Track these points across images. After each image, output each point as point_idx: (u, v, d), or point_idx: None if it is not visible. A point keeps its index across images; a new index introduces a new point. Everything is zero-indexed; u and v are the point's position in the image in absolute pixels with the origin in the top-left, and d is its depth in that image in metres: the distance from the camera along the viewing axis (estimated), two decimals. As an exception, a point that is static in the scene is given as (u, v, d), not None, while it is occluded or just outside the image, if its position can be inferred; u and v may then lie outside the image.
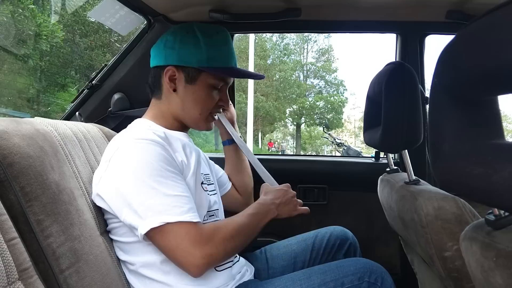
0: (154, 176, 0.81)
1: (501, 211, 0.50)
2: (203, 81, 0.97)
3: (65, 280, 0.71)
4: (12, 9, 9.53)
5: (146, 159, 0.82)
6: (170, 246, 0.80)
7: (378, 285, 0.90)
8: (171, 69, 0.96)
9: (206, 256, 0.79)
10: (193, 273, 0.80)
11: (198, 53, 0.95)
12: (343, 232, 1.20)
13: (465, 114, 0.50)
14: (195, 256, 0.79)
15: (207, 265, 0.80)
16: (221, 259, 0.85)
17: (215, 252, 0.81)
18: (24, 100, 11.12)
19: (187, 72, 0.96)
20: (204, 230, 0.82)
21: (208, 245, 0.80)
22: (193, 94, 0.98)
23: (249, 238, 0.91)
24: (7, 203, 0.66)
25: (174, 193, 0.81)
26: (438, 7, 1.32)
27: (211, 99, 0.99)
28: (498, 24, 0.40)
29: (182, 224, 0.79)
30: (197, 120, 1.01)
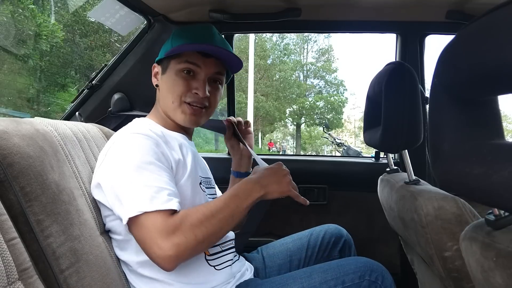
0: (140, 168, 0.80)
1: (501, 211, 0.50)
2: (172, 68, 0.98)
3: (65, 280, 0.71)
4: (12, 9, 9.53)
5: (136, 151, 0.83)
6: (141, 238, 0.77)
7: (379, 283, 0.90)
8: (155, 66, 1.04)
9: (173, 246, 0.74)
10: (163, 266, 0.75)
11: (167, 45, 1.01)
12: (338, 229, 1.20)
13: (465, 114, 0.50)
14: (162, 248, 0.74)
15: (177, 256, 0.74)
16: (193, 248, 0.77)
17: (183, 241, 0.75)
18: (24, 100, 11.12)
19: (162, 65, 1.01)
20: (171, 218, 0.76)
21: (175, 234, 0.75)
22: (166, 83, 0.99)
23: (228, 222, 0.82)
24: (7, 203, 0.66)
25: (155, 184, 0.79)
26: (438, 7, 1.32)
27: (179, 84, 0.96)
28: (498, 24, 0.40)
29: (151, 214, 0.76)
30: (173, 110, 0.98)
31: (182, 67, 0.96)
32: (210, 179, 1.12)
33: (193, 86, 0.97)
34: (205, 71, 0.97)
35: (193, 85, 0.97)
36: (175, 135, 1.00)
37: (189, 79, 0.97)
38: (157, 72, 1.03)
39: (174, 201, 0.78)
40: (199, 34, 1.00)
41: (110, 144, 0.89)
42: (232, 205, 0.83)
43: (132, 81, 1.46)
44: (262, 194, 0.87)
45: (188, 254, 0.77)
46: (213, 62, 0.99)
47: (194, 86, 0.97)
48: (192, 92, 0.97)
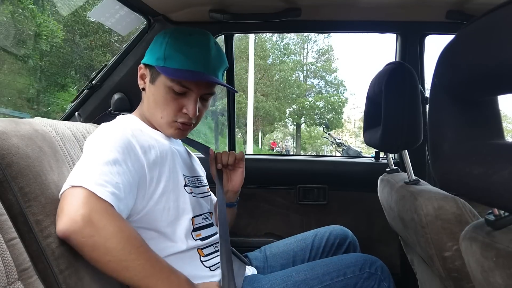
0: (102, 156, 0.76)
1: (501, 211, 0.50)
2: (161, 82, 0.92)
3: (65, 280, 0.71)
4: (12, 9, 9.53)
5: (105, 140, 0.81)
6: (64, 201, 0.70)
7: (379, 274, 0.94)
8: (141, 67, 0.98)
9: (87, 218, 0.67)
10: (63, 224, 0.67)
11: (158, 51, 0.93)
12: (343, 231, 1.20)
13: (465, 114, 0.50)
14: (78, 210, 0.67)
15: (81, 229, 0.67)
16: (83, 246, 0.68)
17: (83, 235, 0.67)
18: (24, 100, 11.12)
19: (151, 71, 0.95)
20: (97, 203, 0.69)
21: (101, 211, 0.68)
22: (153, 95, 0.94)
23: (137, 274, 0.70)
24: (6, 204, 0.66)
25: (103, 174, 0.73)
26: (438, 7, 1.32)
27: (170, 104, 0.92)
28: (498, 24, 0.40)
29: (77, 188, 0.70)
30: (160, 124, 0.95)
31: (174, 86, 0.91)
32: (201, 177, 1.09)
33: (184, 105, 0.93)
34: (196, 93, 0.93)
35: (184, 103, 0.93)
36: (157, 135, 0.97)
37: (179, 98, 0.93)
38: (144, 75, 0.97)
39: (105, 190, 0.71)
40: (196, 53, 0.91)
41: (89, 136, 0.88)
42: (159, 269, 0.73)
43: (132, 81, 1.46)
44: None
45: (85, 244, 0.68)
46: (206, 84, 0.94)
47: (185, 106, 0.93)
48: (182, 112, 0.93)
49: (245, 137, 18.52)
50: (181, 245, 0.89)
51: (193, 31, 0.95)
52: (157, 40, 0.96)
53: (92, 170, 0.74)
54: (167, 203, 0.88)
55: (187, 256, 0.90)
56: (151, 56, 0.95)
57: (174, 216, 0.89)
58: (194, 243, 0.91)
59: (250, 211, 1.63)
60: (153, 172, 0.87)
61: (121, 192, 0.75)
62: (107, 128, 0.87)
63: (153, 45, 0.96)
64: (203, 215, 0.99)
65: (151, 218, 0.86)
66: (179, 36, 0.93)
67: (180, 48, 0.91)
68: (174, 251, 0.88)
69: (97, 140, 0.83)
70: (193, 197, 0.96)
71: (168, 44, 0.92)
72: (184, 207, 0.92)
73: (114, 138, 0.82)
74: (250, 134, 15.84)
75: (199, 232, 0.94)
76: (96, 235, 0.67)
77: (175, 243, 0.88)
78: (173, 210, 0.89)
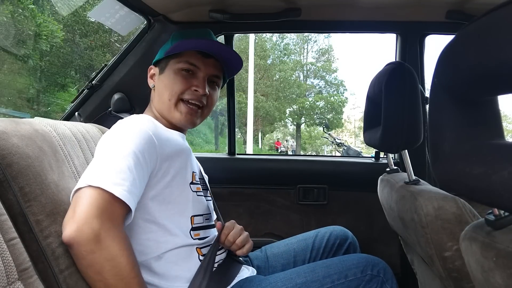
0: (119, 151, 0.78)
1: (501, 211, 0.50)
2: (170, 67, 0.99)
3: (65, 280, 0.71)
4: (12, 9, 9.53)
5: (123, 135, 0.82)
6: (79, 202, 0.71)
7: (381, 276, 0.92)
8: (151, 68, 1.06)
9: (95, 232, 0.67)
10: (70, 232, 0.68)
11: (165, 46, 1.03)
12: (343, 231, 1.20)
13: (465, 114, 0.50)
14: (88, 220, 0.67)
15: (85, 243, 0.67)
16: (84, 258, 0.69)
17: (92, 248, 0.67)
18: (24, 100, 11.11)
19: (160, 66, 1.03)
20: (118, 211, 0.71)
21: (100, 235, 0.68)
22: (163, 81, 1.00)
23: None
24: (6, 203, 0.66)
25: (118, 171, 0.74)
26: (438, 7, 1.32)
27: (178, 82, 0.97)
28: (498, 24, 0.40)
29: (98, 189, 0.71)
30: (169, 109, 0.98)
31: (182, 66, 0.98)
32: (204, 180, 1.11)
33: (193, 84, 0.98)
34: (204, 71, 0.99)
35: (193, 82, 0.98)
36: (171, 133, 0.99)
37: (188, 78, 0.99)
38: (154, 74, 1.04)
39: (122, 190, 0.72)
40: (199, 34, 1.03)
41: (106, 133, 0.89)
42: None
43: (132, 81, 1.46)
44: None
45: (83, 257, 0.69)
46: (213, 63, 1.01)
47: (194, 84, 0.98)
48: (192, 90, 0.98)
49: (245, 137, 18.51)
50: (180, 240, 0.89)
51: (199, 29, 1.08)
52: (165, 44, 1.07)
53: (110, 166, 0.75)
54: (169, 196, 0.88)
55: (185, 253, 0.90)
56: (159, 54, 1.04)
57: (174, 210, 0.90)
58: (192, 241, 0.91)
59: (250, 211, 1.63)
60: (163, 164, 0.88)
61: (137, 188, 0.77)
62: (124, 124, 0.88)
63: (161, 48, 1.06)
64: (204, 215, 0.99)
65: (150, 208, 0.86)
66: (183, 31, 1.07)
67: (184, 35, 1.02)
68: (173, 246, 0.88)
69: (115, 135, 0.84)
70: (197, 196, 0.96)
71: (173, 37, 1.05)
72: (186, 203, 0.92)
73: (132, 131, 0.84)
74: (250, 134, 15.84)
75: (198, 232, 0.94)
76: (97, 253, 0.68)
77: (174, 237, 0.88)
78: (174, 204, 0.90)
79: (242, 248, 0.98)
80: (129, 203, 0.74)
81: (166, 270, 0.87)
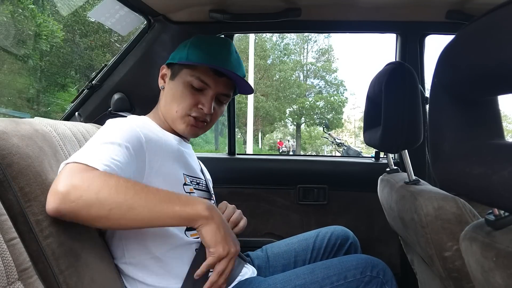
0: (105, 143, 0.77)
1: (501, 211, 0.50)
2: (182, 77, 0.98)
3: (65, 280, 0.71)
4: (12, 9, 9.53)
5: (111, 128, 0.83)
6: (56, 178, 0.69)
7: (380, 278, 0.92)
8: (164, 68, 1.04)
9: (70, 185, 0.65)
10: (48, 201, 0.67)
11: (182, 50, 1.00)
12: (344, 231, 1.20)
13: (465, 114, 0.50)
14: (59, 181, 0.66)
15: (64, 197, 0.65)
16: (86, 202, 0.65)
17: (83, 187, 0.65)
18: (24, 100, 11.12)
19: (173, 69, 1.01)
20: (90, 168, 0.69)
21: (83, 178, 0.66)
22: (172, 89, 0.99)
23: (144, 210, 0.68)
24: (6, 203, 0.66)
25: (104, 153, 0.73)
26: (438, 7, 1.32)
27: (187, 98, 0.96)
28: (498, 24, 0.40)
29: (76, 164, 0.70)
30: (174, 119, 0.98)
31: (192, 81, 0.96)
32: (204, 181, 1.08)
33: (200, 101, 0.97)
34: (214, 90, 0.98)
35: (201, 100, 0.97)
36: (165, 134, 0.99)
37: (196, 94, 0.97)
38: (165, 75, 1.03)
39: (101, 163, 0.70)
40: (217, 51, 0.99)
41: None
42: (163, 196, 0.71)
43: (132, 81, 1.46)
44: (205, 216, 0.73)
45: (79, 206, 0.66)
46: (224, 82, 0.99)
47: (201, 102, 0.97)
48: (197, 107, 0.98)
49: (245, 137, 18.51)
50: (176, 241, 0.89)
51: (217, 37, 1.07)
52: (182, 44, 1.04)
53: (91, 149, 0.74)
54: None
55: (184, 252, 0.90)
56: (174, 56, 1.02)
57: None
58: (189, 239, 0.91)
59: (250, 211, 1.63)
60: (153, 163, 0.87)
61: (123, 172, 0.74)
62: (114, 120, 0.88)
63: (178, 48, 1.04)
64: None
65: None
66: (202, 38, 1.02)
67: (202, 46, 0.99)
68: (170, 247, 0.88)
69: (103, 129, 0.84)
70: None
71: (191, 44, 1.00)
72: None
73: (120, 128, 0.83)
74: (250, 134, 15.84)
75: (195, 231, 0.94)
76: (84, 194, 0.65)
77: (169, 238, 0.88)
78: None
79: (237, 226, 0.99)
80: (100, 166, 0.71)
81: (163, 270, 0.87)
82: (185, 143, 1.06)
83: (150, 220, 0.70)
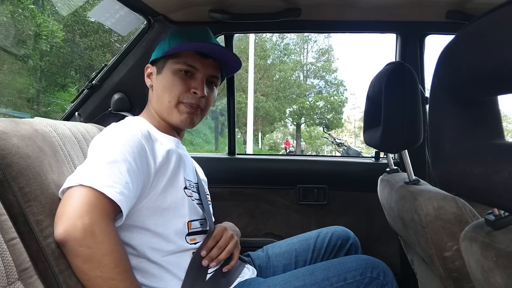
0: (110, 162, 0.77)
1: (501, 211, 0.50)
2: (168, 68, 0.98)
3: (65, 280, 0.71)
4: (12, 9, 9.53)
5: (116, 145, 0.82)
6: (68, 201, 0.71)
7: (381, 279, 0.91)
8: (149, 67, 1.04)
9: (88, 230, 0.67)
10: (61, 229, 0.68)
11: (163, 45, 1.02)
12: (345, 232, 1.20)
13: (465, 114, 0.50)
14: (70, 223, 0.67)
15: (80, 238, 0.67)
16: (79, 255, 0.68)
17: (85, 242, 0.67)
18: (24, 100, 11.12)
19: (157, 65, 1.01)
20: (109, 220, 0.71)
21: (101, 223, 0.68)
22: (161, 82, 0.99)
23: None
24: (6, 203, 0.66)
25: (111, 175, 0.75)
26: (438, 7, 1.32)
27: (178, 84, 0.97)
28: (498, 24, 0.40)
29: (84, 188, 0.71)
30: (168, 110, 0.98)
31: (180, 67, 0.97)
32: (202, 184, 1.08)
33: (192, 86, 0.98)
34: (203, 72, 0.99)
35: (192, 84, 0.98)
36: (165, 138, 0.98)
37: (187, 79, 0.98)
38: (151, 73, 1.03)
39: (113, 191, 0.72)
40: (197, 34, 1.01)
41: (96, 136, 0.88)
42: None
43: (132, 81, 1.46)
44: None
45: (80, 252, 0.68)
46: (211, 64, 1.00)
47: (193, 86, 0.97)
48: (190, 92, 0.97)
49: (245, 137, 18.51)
50: (175, 247, 0.88)
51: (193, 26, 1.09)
52: (160, 42, 1.05)
53: (102, 168, 0.75)
54: (163, 203, 0.88)
55: (182, 255, 0.89)
56: (156, 52, 1.03)
57: (169, 216, 0.89)
58: (188, 245, 0.91)
59: (250, 211, 1.63)
60: (157, 172, 0.87)
61: (130, 192, 0.76)
62: (116, 128, 0.87)
63: (157, 46, 1.05)
64: (200, 220, 0.97)
65: (144, 216, 0.85)
66: (180, 30, 1.04)
67: (182, 34, 1.00)
68: (168, 253, 0.87)
69: (107, 138, 0.84)
70: (192, 201, 0.95)
71: (170, 36, 1.02)
72: (181, 209, 0.91)
73: (124, 137, 0.83)
74: (250, 134, 15.83)
75: (194, 237, 0.93)
76: (94, 247, 0.68)
77: (169, 243, 0.87)
78: (169, 211, 0.89)
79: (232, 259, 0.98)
80: (120, 204, 0.73)
81: (162, 272, 0.87)
82: (181, 145, 1.06)
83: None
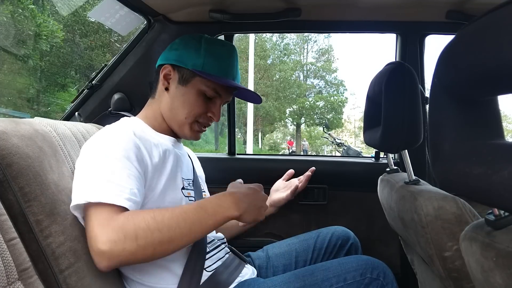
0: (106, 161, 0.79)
1: (501, 211, 0.50)
2: (195, 85, 0.97)
3: (65, 280, 0.71)
4: (12, 9, 9.53)
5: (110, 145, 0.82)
6: (86, 228, 0.75)
7: (381, 280, 0.91)
8: (168, 67, 0.99)
9: (108, 242, 0.69)
10: (96, 261, 0.72)
11: (196, 57, 0.97)
12: (345, 232, 1.20)
13: (465, 114, 0.50)
14: (98, 240, 0.70)
15: (110, 254, 0.70)
16: (132, 252, 0.71)
17: (121, 240, 0.70)
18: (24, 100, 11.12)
19: (182, 73, 0.98)
20: (115, 214, 0.73)
21: (115, 230, 0.70)
22: (183, 95, 0.98)
23: (183, 235, 0.75)
24: (6, 203, 0.66)
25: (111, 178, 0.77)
26: (438, 7, 1.32)
27: (199, 106, 0.98)
28: (498, 24, 0.40)
29: (95, 205, 0.74)
30: (181, 124, 0.99)
31: (207, 91, 0.98)
32: (199, 181, 1.09)
33: (211, 110, 1.00)
34: (224, 100, 1.02)
35: (211, 109, 1.00)
36: (161, 138, 0.99)
37: (208, 102, 1.00)
38: (169, 75, 0.99)
39: (122, 198, 0.75)
40: (231, 65, 1.01)
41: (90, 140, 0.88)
42: (193, 218, 0.77)
43: (132, 81, 1.46)
44: (236, 216, 0.81)
45: (125, 257, 0.71)
46: (231, 92, 1.04)
47: (212, 110, 1.01)
48: (207, 115, 1.01)
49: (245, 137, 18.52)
50: None
51: (224, 42, 1.07)
52: (191, 45, 0.99)
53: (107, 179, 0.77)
54: (162, 203, 0.88)
55: (179, 253, 0.89)
56: (185, 59, 0.98)
57: None
58: None
59: None
60: (155, 173, 0.88)
61: (137, 197, 0.79)
62: (111, 131, 0.87)
63: (187, 49, 0.99)
64: None
65: None
66: (216, 46, 1.01)
67: (218, 57, 0.99)
68: None
69: (104, 144, 0.83)
70: (189, 201, 0.95)
71: (207, 51, 0.98)
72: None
73: (121, 141, 0.83)
74: (250, 134, 15.84)
75: None
76: (125, 246, 0.70)
77: None
78: None
79: None
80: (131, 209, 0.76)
81: (160, 271, 0.87)
82: (178, 144, 1.06)
83: (191, 241, 0.79)
